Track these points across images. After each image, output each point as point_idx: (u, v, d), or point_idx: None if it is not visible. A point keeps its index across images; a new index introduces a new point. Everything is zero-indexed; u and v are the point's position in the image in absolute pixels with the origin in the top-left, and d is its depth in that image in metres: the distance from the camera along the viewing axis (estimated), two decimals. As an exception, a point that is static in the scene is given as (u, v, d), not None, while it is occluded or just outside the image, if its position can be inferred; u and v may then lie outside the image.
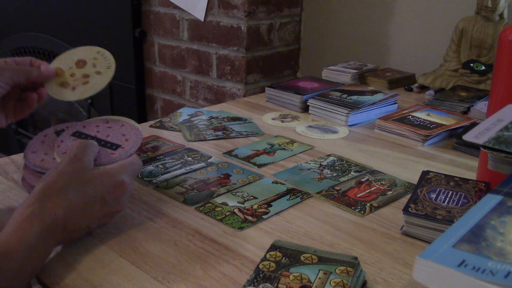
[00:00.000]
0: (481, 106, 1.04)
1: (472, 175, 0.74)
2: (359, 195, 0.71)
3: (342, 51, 1.57)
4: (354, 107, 1.01)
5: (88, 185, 0.56)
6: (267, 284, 0.48)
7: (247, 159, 0.83)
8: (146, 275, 0.53)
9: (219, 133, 0.94)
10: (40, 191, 0.54)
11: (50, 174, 0.57)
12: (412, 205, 0.61)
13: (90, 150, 0.60)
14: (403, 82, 1.31)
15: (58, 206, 0.53)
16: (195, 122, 0.99)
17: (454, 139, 0.91)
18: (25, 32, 2.19)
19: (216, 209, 0.66)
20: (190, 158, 0.82)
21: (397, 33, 1.45)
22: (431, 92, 1.22)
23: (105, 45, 2.03)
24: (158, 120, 1.01)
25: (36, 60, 0.72)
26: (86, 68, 0.73)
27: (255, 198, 0.69)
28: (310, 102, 1.07)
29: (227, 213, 0.65)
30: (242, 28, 1.45)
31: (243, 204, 0.67)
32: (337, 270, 0.49)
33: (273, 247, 0.53)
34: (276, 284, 0.48)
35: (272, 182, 0.74)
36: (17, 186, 0.71)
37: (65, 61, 0.74)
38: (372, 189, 0.73)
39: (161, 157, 0.82)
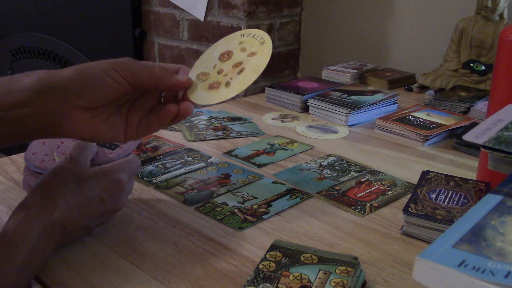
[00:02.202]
0: (481, 106, 1.04)
1: (472, 175, 0.74)
2: (359, 195, 0.71)
3: (342, 51, 1.57)
4: (354, 107, 1.01)
5: (84, 184, 0.56)
6: (267, 284, 0.48)
7: (247, 159, 0.83)
8: (146, 275, 0.53)
9: (219, 133, 0.94)
10: (36, 192, 0.54)
11: (46, 174, 0.57)
12: (412, 205, 0.61)
13: (87, 150, 0.60)
14: (403, 82, 1.31)
15: (54, 207, 0.53)
16: (195, 122, 0.99)
17: (454, 139, 0.91)
18: (25, 32, 2.19)
19: (216, 209, 0.66)
20: (190, 158, 0.82)
21: (397, 33, 1.45)
22: (431, 92, 1.22)
23: (105, 45, 2.03)
24: (158, 120, 1.01)
25: (185, 68, 0.59)
26: (235, 57, 0.58)
27: (255, 198, 0.69)
28: (310, 102, 1.07)
29: (227, 213, 0.65)
30: (242, 28, 1.45)
31: (243, 204, 0.67)
32: (337, 270, 0.49)
33: (273, 247, 0.53)
34: (276, 284, 0.48)
35: (272, 182, 0.74)
36: (17, 186, 0.71)
37: (206, 62, 0.60)
38: (372, 189, 0.73)
39: (161, 157, 0.82)
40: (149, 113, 0.57)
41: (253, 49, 0.57)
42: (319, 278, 0.48)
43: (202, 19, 1.53)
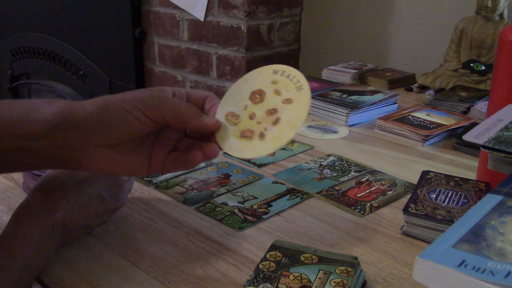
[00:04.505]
0: (481, 106, 1.04)
1: (472, 175, 0.74)
2: (359, 195, 0.71)
3: (342, 51, 1.57)
4: (354, 107, 1.01)
5: (84, 183, 0.56)
6: (267, 284, 0.48)
7: (247, 159, 0.83)
8: (146, 275, 0.53)
9: (219, 133, 0.94)
10: (37, 192, 0.54)
11: (46, 174, 0.57)
12: (412, 205, 0.61)
13: None
14: (403, 82, 1.31)
15: (56, 206, 0.53)
16: (195, 122, 0.99)
17: (454, 139, 0.91)
18: (25, 32, 2.19)
19: (216, 209, 0.66)
20: (190, 158, 0.82)
21: (397, 33, 1.45)
22: (431, 92, 1.22)
23: (105, 45, 2.02)
24: (158, 120, 1.01)
25: (212, 99, 0.55)
26: (268, 100, 0.51)
27: (255, 198, 0.69)
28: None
29: (227, 213, 0.65)
30: (242, 28, 1.45)
31: (243, 204, 0.67)
32: (337, 270, 0.49)
33: (273, 247, 0.53)
34: (276, 284, 0.48)
35: (272, 182, 0.74)
36: (17, 186, 0.71)
37: (235, 99, 0.53)
38: (372, 189, 0.73)
39: (161, 157, 0.82)
40: (176, 154, 0.55)
41: (289, 94, 0.51)
42: (319, 278, 0.48)
43: (202, 19, 1.54)
